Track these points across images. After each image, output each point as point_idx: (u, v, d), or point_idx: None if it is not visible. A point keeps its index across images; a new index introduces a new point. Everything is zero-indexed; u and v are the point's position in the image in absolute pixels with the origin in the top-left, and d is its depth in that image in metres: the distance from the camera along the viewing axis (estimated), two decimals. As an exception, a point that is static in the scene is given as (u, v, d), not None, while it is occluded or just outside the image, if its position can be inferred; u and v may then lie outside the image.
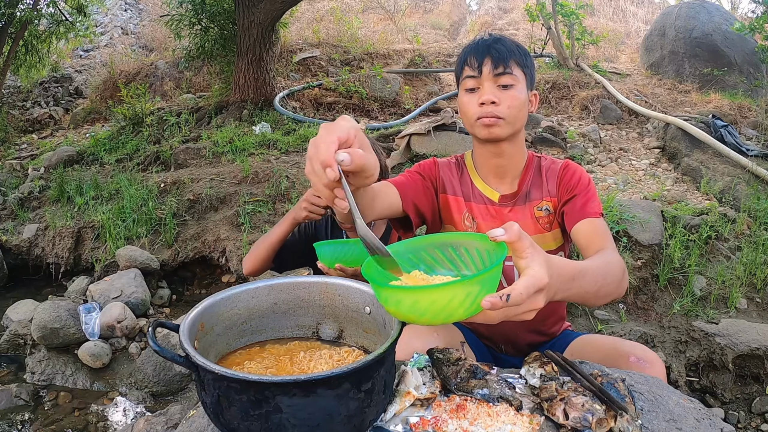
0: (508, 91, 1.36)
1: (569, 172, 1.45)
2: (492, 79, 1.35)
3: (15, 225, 4.49)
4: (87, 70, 9.37)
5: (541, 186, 1.46)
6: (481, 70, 1.36)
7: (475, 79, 1.37)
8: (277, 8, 6.07)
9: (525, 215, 1.45)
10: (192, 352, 0.84)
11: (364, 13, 11.42)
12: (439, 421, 0.93)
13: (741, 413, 2.68)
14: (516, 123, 1.38)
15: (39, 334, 2.95)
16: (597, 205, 1.37)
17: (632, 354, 1.26)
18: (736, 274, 3.23)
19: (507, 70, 1.35)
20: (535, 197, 1.45)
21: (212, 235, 3.94)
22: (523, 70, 1.39)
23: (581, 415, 0.88)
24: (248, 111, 6.18)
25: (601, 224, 1.32)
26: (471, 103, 1.39)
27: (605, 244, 1.25)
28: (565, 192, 1.42)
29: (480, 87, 1.37)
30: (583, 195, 1.39)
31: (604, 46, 8.90)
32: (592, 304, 1.22)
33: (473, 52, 1.39)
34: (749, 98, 6.39)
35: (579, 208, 1.36)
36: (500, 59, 1.35)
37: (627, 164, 5.21)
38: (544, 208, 1.45)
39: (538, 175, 1.47)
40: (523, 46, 1.44)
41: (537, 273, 0.81)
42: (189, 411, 1.12)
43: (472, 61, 1.38)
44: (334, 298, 1.12)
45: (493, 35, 1.43)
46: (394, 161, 4.61)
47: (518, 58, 1.38)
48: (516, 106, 1.36)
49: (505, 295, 0.78)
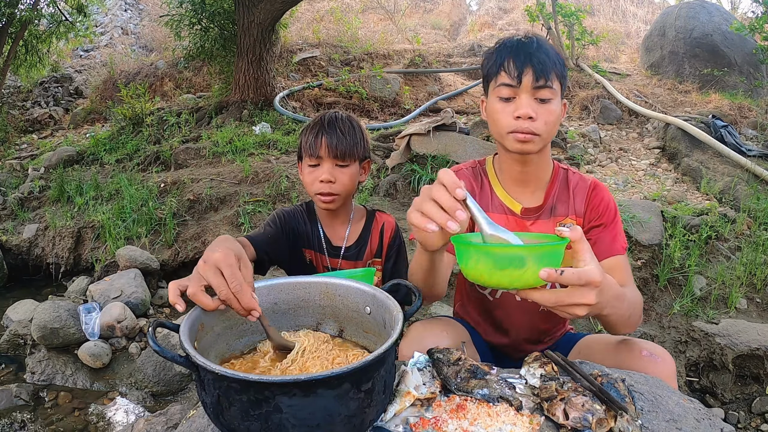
0: (546, 106, 1.28)
1: (598, 195, 1.40)
2: (531, 92, 1.26)
3: (15, 225, 4.49)
4: (87, 70, 9.37)
5: (568, 202, 1.41)
6: (520, 80, 1.26)
7: (513, 88, 1.27)
8: (277, 8, 6.07)
9: (548, 229, 1.39)
10: (192, 352, 0.84)
11: (364, 13, 11.42)
12: (439, 421, 0.93)
13: (741, 413, 2.68)
14: (549, 137, 1.32)
15: (39, 334, 2.95)
16: (623, 239, 1.38)
17: (644, 348, 1.25)
18: (736, 274, 3.23)
19: (548, 84, 1.26)
20: (560, 212, 1.41)
21: (212, 235, 3.94)
22: (560, 81, 1.31)
23: (581, 415, 0.88)
24: (248, 111, 6.18)
25: (625, 261, 1.36)
26: (505, 113, 1.29)
27: (628, 282, 1.32)
28: (593, 217, 1.39)
29: (516, 97, 1.28)
30: (611, 227, 1.37)
31: (604, 46, 8.90)
32: (620, 329, 1.21)
33: (513, 56, 1.28)
34: (749, 98, 6.39)
35: (608, 243, 1.35)
36: (543, 71, 1.25)
37: (627, 164, 5.21)
38: (568, 226, 1.41)
39: (565, 189, 1.42)
40: (560, 56, 1.35)
41: (592, 269, 0.94)
42: (189, 411, 1.12)
43: (510, 67, 1.27)
44: (334, 298, 1.12)
45: (532, 38, 1.31)
46: (394, 161, 4.60)
47: (558, 69, 1.29)
48: (552, 122, 1.29)
49: (560, 270, 0.91)
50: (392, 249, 1.71)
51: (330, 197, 1.57)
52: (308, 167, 1.60)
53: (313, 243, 1.67)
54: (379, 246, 1.70)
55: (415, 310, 0.99)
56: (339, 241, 1.68)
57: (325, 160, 1.56)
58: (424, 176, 4.31)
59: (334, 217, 1.68)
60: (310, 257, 1.68)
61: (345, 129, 1.58)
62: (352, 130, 1.60)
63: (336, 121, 1.59)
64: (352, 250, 1.68)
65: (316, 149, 1.56)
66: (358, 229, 1.70)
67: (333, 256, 1.68)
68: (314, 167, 1.58)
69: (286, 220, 1.64)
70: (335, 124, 1.58)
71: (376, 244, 1.69)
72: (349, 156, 1.57)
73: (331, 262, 1.68)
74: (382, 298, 1.03)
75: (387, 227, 1.71)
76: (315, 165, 1.58)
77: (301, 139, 1.64)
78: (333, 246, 1.68)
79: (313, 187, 1.58)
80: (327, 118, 1.60)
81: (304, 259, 1.68)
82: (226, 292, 0.91)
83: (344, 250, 1.67)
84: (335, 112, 1.64)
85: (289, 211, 1.68)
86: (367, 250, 1.69)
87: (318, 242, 1.67)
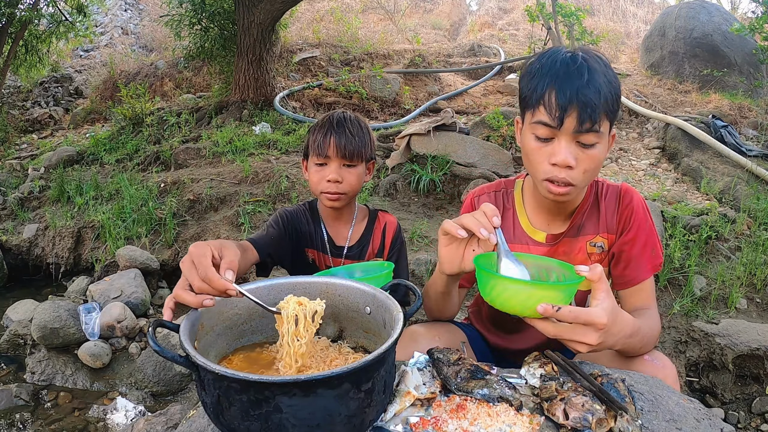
0: (589, 151, 1.11)
1: (628, 206, 1.30)
2: (572, 136, 1.09)
3: (15, 225, 4.49)
4: (87, 70, 9.37)
5: (598, 219, 1.31)
6: (562, 122, 1.08)
7: (551, 129, 1.10)
8: (277, 8, 6.07)
9: (574, 248, 1.32)
10: (192, 352, 0.84)
11: (364, 13, 11.41)
12: (439, 421, 0.93)
13: (741, 413, 2.68)
14: (587, 184, 1.19)
15: (39, 334, 2.95)
16: (656, 254, 1.29)
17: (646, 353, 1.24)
18: (736, 274, 3.22)
19: (594, 128, 1.08)
20: (589, 231, 1.32)
21: (212, 235, 3.94)
22: (610, 119, 1.11)
23: (581, 415, 0.88)
24: (248, 111, 6.18)
25: (652, 283, 1.31)
26: (540, 153, 1.14)
27: (650, 304, 1.29)
28: (623, 229, 1.30)
29: (555, 139, 1.11)
30: (643, 241, 1.28)
31: (604, 46, 8.90)
32: (629, 355, 1.19)
33: (556, 88, 1.07)
34: (749, 98, 6.39)
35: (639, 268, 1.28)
36: (590, 114, 1.06)
37: (627, 164, 5.21)
38: (598, 245, 1.32)
39: (595, 206, 1.32)
40: (615, 80, 1.12)
41: (596, 311, 0.95)
42: (189, 411, 1.12)
43: (552, 103, 1.08)
44: (334, 298, 1.12)
45: (582, 63, 1.08)
46: (394, 161, 4.60)
47: (611, 105, 1.09)
48: (592, 169, 1.13)
49: (557, 307, 0.94)
50: (394, 249, 1.71)
51: (336, 196, 1.58)
52: (315, 166, 1.60)
53: (316, 243, 1.67)
54: (381, 246, 1.70)
55: (415, 310, 1.00)
56: (342, 240, 1.68)
57: (333, 159, 1.56)
58: (424, 176, 4.31)
59: (338, 217, 1.68)
60: (312, 257, 1.68)
61: (354, 129, 1.58)
62: (360, 131, 1.60)
63: (345, 121, 1.59)
64: (355, 250, 1.68)
65: (324, 149, 1.56)
66: (361, 228, 1.70)
67: (336, 256, 1.68)
68: (321, 166, 1.58)
69: (288, 221, 1.63)
70: (344, 125, 1.58)
71: (378, 244, 1.70)
72: (357, 157, 1.58)
73: (333, 261, 1.68)
74: (382, 298, 1.03)
75: (389, 227, 1.71)
76: (322, 164, 1.58)
77: (308, 137, 1.64)
78: (336, 246, 1.68)
79: (320, 186, 1.58)
80: (336, 117, 1.60)
81: (306, 259, 1.68)
82: (198, 283, 0.93)
83: (347, 250, 1.68)
84: (343, 112, 1.64)
85: (291, 211, 1.67)
86: (369, 249, 1.69)
87: (321, 242, 1.67)
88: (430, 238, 3.65)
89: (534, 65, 1.14)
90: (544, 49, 1.18)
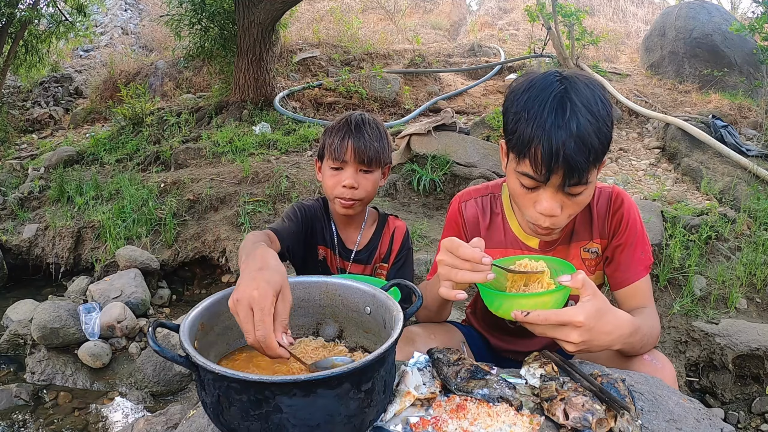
0: (575, 198, 1.11)
1: (618, 210, 1.30)
2: (558, 189, 1.08)
3: (15, 225, 4.48)
4: (87, 70, 9.37)
5: (591, 224, 1.32)
6: (548, 178, 1.06)
7: (536, 181, 1.08)
8: (277, 8, 6.07)
9: (568, 256, 1.32)
10: (192, 352, 0.84)
11: (364, 13, 11.41)
12: (439, 421, 0.93)
13: (741, 413, 2.68)
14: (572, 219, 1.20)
15: (39, 334, 2.95)
16: (647, 256, 1.30)
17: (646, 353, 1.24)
18: (736, 275, 3.22)
19: (582, 181, 1.06)
20: (582, 237, 1.32)
21: (212, 235, 3.94)
22: (598, 165, 1.09)
23: (581, 415, 0.88)
24: (248, 111, 6.18)
25: (646, 283, 1.31)
26: (527, 199, 1.13)
27: (648, 303, 1.30)
28: (614, 233, 1.31)
29: (540, 188, 1.10)
30: (634, 244, 1.29)
31: (604, 46, 8.90)
32: (629, 354, 1.20)
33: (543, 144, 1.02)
34: (749, 98, 6.38)
35: (631, 269, 1.29)
36: (578, 172, 1.04)
37: (627, 164, 5.21)
38: (592, 251, 1.33)
39: (587, 212, 1.32)
40: (608, 118, 1.06)
41: (571, 311, 0.98)
42: (189, 411, 1.12)
43: (537, 159, 1.04)
44: (334, 298, 1.12)
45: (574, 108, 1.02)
46: (394, 161, 4.60)
47: (600, 156, 1.06)
48: (578, 210, 1.15)
49: (526, 312, 0.98)
50: (400, 255, 1.68)
51: (351, 203, 1.53)
52: (330, 170, 1.54)
53: (327, 240, 1.65)
54: (387, 251, 1.68)
55: (416, 310, 1.00)
56: (351, 244, 1.67)
57: (350, 164, 1.51)
58: (424, 176, 4.31)
59: (349, 221, 1.66)
60: (323, 254, 1.66)
61: (373, 134, 1.52)
62: (379, 136, 1.54)
63: (363, 124, 1.53)
64: (363, 254, 1.67)
65: (341, 153, 1.50)
66: (370, 233, 1.68)
67: (344, 258, 1.66)
68: (337, 170, 1.53)
69: (306, 215, 1.59)
70: (363, 128, 1.52)
71: (385, 249, 1.68)
72: (375, 163, 1.53)
73: (341, 263, 1.67)
74: (382, 298, 1.03)
75: (398, 233, 1.69)
76: (338, 168, 1.53)
77: (324, 139, 1.58)
78: (345, 248, 1.66)
79: (335, 191, 1.53)
80: (354, 120, 1.53)
81: (317, 255, 1.65)
82: (252, 339, 0.87)
83: (355, 254, 1.66)
84: (361, 114, 1.57)
85: (309, 205, 1.63)
86: (376, 254, 1.68)
87: (332, 241, 1.66)
88: (430, 238, 3.65)
89: (520, 97, 1.07)
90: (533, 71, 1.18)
